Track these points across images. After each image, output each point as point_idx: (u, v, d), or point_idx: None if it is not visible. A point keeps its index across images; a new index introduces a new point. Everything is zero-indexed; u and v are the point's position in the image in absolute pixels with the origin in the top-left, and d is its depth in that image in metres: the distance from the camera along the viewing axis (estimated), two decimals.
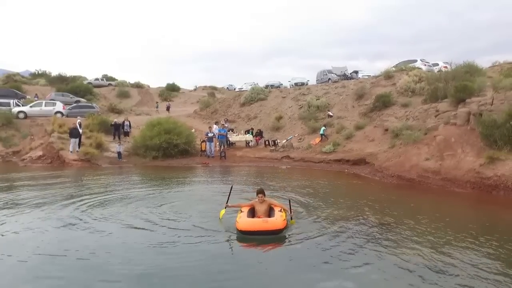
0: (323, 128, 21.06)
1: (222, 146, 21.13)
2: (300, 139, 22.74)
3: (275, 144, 22.10)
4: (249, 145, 23.00)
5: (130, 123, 23.31)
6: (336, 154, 18.48)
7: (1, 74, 54.82)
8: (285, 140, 22.88)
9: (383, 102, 21.05)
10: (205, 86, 64.75)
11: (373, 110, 21.70)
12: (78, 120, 21.14)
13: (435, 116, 16.43)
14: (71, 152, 19.74)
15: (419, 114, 17.86)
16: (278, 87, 37.06)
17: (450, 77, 17.89)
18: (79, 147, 20.15)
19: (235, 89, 52.42)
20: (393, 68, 26.53)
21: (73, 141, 19.79)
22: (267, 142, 22.54)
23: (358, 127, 20.56)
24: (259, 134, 23.49)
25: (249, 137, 23.04)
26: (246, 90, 34.14)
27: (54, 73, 56.97)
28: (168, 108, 37.55)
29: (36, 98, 36.87)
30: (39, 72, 61.83)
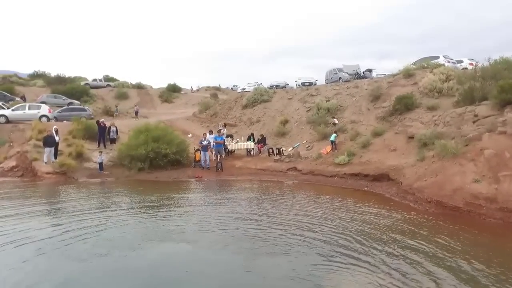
0: (334, 135, 18.22)
1: (218, 156, 18.39)
2: (309, 146, 19.95)
3: (279, 152, 19.33)
4: (250, 154, 20.26)
5: (117, 129, 20.67)
6: (352, 167, 15.67)
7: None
8: (291, 148, 20.11)
9: (405, 105, 18.15)
10: (208, 87, 62.21)
11: (393, 114, 18.81)
12: (54, 127, 18.60)
13: (473, 122, 13.59)
14: (45, 163, 17.20)
15: (451, 119, 15.00)
16: (283, 87, 34.26)
17: (489, 74, 15.00)
18: (55, 157, 17.61)
19: (238, 90, 49.76)
20: (413, 66, 23.58)
21: (48, 151, 17.23)
22: (270, 150, 19.79)
23: (376, 134, 17.73)
24: (262, 140, 20.72)
25: (250, 144, 20.28)
26: (249, 91, 31.41)
27: (54, 74, 55.07)
28: (136, 113, 34.17)
29: (20, 99, 34.44)
30: (38, 73, 59.88)
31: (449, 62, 24.77)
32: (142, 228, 8.62)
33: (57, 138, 17.78)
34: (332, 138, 18.02)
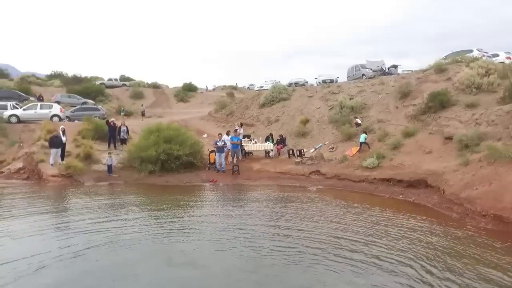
0: (363, 135, 16.66)
1: (235, 158, 17.06)
2: (332, 148, 18.45)
3: (301, 154, 17.88)
4: (269, 155, 18.85)
5: (127, 129, 19.54)
6: (382, 171, 14.10)
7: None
8: (313, 149, 18.68)
9: (440, 102, 16.45)
10: (225, 86, 61.09)
11: (425, 112, 17.11)
12: (61, 126, 17.58)
13: None
14: (51, 165, 16.19)
15: (497, 118, 13.30)
16: (303, 85, 32.74)
17: None
18: (62, 159, 16.60)
19: (255, 89, 48.41)
20: (446, 60, 21.76)
21: (54, 152, 16.20)
22: (291, 152, 18.34)
23: (408, 134, 16.11)
24: (281, 141, 19.29)
25: (269, 145, 18.84)
26: (267, 89, 30.01)
27: (71, 74, 54.95)
28: (143, 113, 32.92)
29: (35, 99, 33.90)
30: (55, 73, 60.00)
31: (483, 55, 22.83)
32: (144, 245, 7.34)
33: (64, 139, 16.76)
34: (362, 139, 16.46)
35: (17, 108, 25.75)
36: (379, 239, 7.52)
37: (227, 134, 17.75)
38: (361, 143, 16.55)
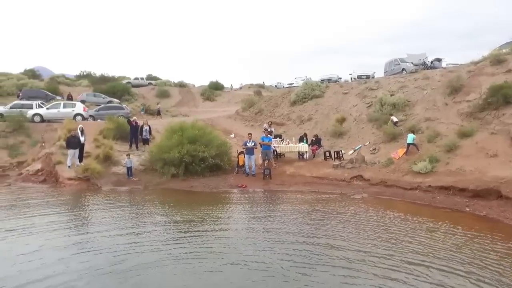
0: (411, 135, 14.63)
1: (266, 161, 15.42)
2: (374, 149, 16.48)
3: (339, 156, 16.03)
4: (303, 157, 17.10)
5: (150, 128, 18.29)
6: (438, 177, 12.09)
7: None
8: (352, 151, 16.78)
9: (504, 97, 14.21)
10: (252, 84, 59.61)
11: (484, 109, 14.90)
12: (80, 126, 16.47)
13: None
14: (69, 167, 15.08)
15: None
16: (336, 81, 30.75)
17: None
18: (80, 161, 15.48)
19: (283, 87, 46.62)
20: (504, 50, 19.30)
21: (72, 153, 15.08)
22: (327, 154, 16.51)
23: (464, 134, 13.99)
24: (317, 142, 17.49)
25: (303, 147, 17.08)
26: (298, 86, 28.22)
27: (99, 74, 55.10)
28: (158, 113, 31.55)
29: (60, 98, 33.52)
30: (84, 73, 60.48)
31: None
32: (160, 276, 5.83)
33: (82, 139, 15.63)
34: (409, 139, 14.42)
35: (42, 107, 25.20)
36: (481, 271, 5.65)
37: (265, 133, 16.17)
38: (408, 144, 14.55)
